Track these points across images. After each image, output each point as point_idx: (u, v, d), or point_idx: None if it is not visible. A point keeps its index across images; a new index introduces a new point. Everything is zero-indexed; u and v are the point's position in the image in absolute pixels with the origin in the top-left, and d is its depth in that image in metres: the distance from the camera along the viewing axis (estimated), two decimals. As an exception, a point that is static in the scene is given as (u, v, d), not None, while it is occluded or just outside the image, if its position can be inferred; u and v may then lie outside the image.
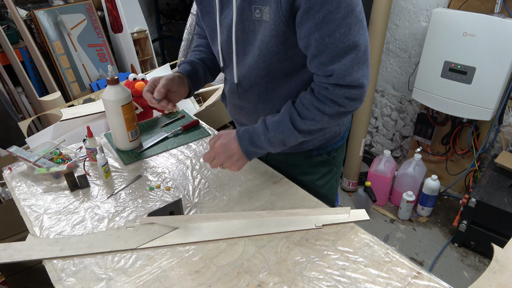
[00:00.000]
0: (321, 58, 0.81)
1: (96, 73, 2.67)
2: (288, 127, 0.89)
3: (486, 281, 0.83)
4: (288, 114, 0.90)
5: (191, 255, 0.88)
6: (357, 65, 0.81)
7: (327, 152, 1.13)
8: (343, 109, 0.87)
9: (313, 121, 0.88)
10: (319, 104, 0.86)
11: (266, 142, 0.92)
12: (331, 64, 0.81)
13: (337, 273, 0.83)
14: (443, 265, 2.04)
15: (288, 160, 1.16)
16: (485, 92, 1.92)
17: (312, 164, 1.13)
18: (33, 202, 1.06)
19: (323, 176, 1.16)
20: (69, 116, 1.64)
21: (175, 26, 3.82)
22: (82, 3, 2.59)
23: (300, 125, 0.89)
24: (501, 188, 1.97)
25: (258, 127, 0.92)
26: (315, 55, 0.82)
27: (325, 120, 0.88)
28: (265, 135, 0.91)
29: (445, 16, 1.93)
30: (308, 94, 0.88)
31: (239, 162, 0.95)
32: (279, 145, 0.93)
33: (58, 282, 0.82)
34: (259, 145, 0.93)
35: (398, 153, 2.76)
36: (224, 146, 0.94)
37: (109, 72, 1.17)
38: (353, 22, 0.77)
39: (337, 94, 0.84)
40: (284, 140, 0.91)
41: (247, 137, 0.93)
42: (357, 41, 0.79)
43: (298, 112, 0.89)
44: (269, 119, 0.92)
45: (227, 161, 0.95)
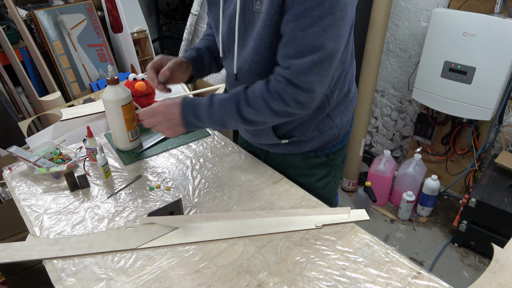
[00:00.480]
0: (288, 49, 0.81)
1: (96, 73, 2.67)
2: (231, 109, 0.89)
3: (486, 281, 0.83)
4: (236, 96, 0.89)
5: (191, 255, 0.88)
6: (316, 69, 0.80)
7: (326, 154, 1.12)
8: (288, 109, 0.86)
9: (257, 111, 0.87)
10: (268, 96, 0.85)
11: (206, 116, 0.91)
12: (293, 58, 0.80)
13: (337, 273, 0.83)
14: (443, 265, 2.05)
15: (286, 161, 1.15)
16: (485, 92, 1.92)
17: (310, 166, 1.13)
18: (33, 202, 1.06)
19: (321, 179, 1.15)
20: (69, 116, 1.64)
21: (175, 26, 3.82)
22: (82, 3, 2.59)
23: (244, 111, 0.88)
24: (501, 188, 1.97)
25: (205, 100, 0.92)
26: (285, 44, 0.81)
27: (268, 114, 0.87)
28: (208, 109, 0.91)
29: (445, 16, 1.93)
30: (262, 84, 0.87)
31: (176, 128, 0.95)
32: (219, 123, 0.92)
33: (58, 282, 0.82)
34: (199, 117, 0.92)
35: (398, 153, 2.76)
36: (165, 107, 0.94)
37: (109, 72, 1.17)
38: (329, 25, 0.76)
39: (287, 92, 0.83)
40: (223, 120, 0.91)
41: (191, 106, 0.93)
42: (324, 45, 0.78)
43: (246, 97, 0.88)
44: (217, 96, 0.92)
45: (164, 124, 0.95)
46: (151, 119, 0.95)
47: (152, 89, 1.52)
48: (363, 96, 2.32)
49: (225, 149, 1.30)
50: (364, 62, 2.24)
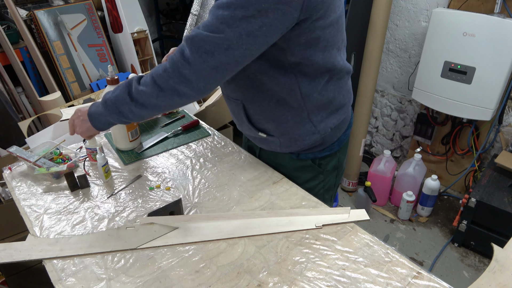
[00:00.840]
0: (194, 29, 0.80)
1: (96, 73, 2.67)
2: (123, 91, 0.88)
3: (486, 281, 0.83)
4: (131, 79, 0.89)
5: (191, 255, 0.88)
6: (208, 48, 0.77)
7: (311, 158, 1.10)
8: (171, 81, 0.82)
9: (145, 88, 0.84)
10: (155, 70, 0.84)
11: (102, 103, 0.92)
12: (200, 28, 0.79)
13: (337, 273, 0.83)
14: (443, 265, 2.04)
15: (277, 160, 1.16)
16: (485, 92, 1.92)
17: (296, 167, 1.13)
18: (33, 202, 1.06)
19: (307, 182, 1.13)
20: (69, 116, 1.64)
21: (175, 26, 3.82)
22: (82, 3, 2.59)
23: (134, 91, 0.86)
24: (501, 188, 1.97)
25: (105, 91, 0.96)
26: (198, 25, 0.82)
27: (155, 90, 0.83)
28: (104, 97, 0.92)
29: (445, 16, 1.93)
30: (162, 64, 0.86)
31: (86, 125, 0.99)
32: (113, 109, 0.90)
33: (58, 282, 0.82)
34: (97, 106, 0.94)
35: (398, 153, 2.76)
36: (78, 109, 1.00)
37: (109, 72, 1.17)
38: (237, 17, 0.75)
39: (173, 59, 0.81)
40: (117, 105, 0.89)
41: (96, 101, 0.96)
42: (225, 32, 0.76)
43: (139, 78, 0.87)
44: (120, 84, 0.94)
45: (78, 125, 1.01)
46: (70, 121, 1.02)
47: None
48: (363, 96, 2.32)
49: (225, 149, 1.30)
50: (364, 62, 2.24)
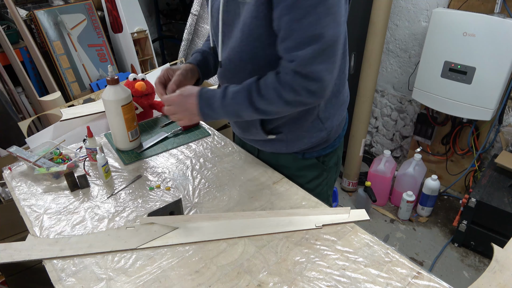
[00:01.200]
0: (288, 43, 0.81)
1: (96, 73, 2.67)
2: (244, 100, 0.89)
3: (486, 281, 0.83)
4: (248, 87, 0.90)
5: (191, 255, 0.88)
6: (319, 58, 0.80)
7: (316, 156, 1.11)
8: (300, 98, 0.86)
9: (269, 102, 0.88)
10: (279, 87, 0.86)
11: (221, 108, 0.92)
12: (295, 51, 0.81)
13: (337, 273, 0.83)
14: (443, 265, 2.05)
15: (278, 161, 1.16)
16: (485, 92, 1.92)
17: (300, 167, 1.13)
18: (33, 202, 1.06)
19: (312, 180, 1.14)
20: (69, 116, 1.64)
21: (175, 26, 3.82)
22: (82, 3, 2.59)
23: (256, 102, 0.89)
24: (501, 188, 1.97)
25: (219, 91, 0.93)
26: (284, 38, 0.82)
27: (281, 105, 0.88)
28: (222, 101, 0.92)
29: (445, 16, 1.93)
30: (273, 75, 0.88)
31: (193, 117, 0.96)
32: (233, 115, 0.93)
33: (58, 282, 0.82)
34: (214, 108, 0.93)
35: (398, 153, 2.76)
36: (182, 97, 0.95)
37: (109, 72, 1.17)
38: (323, 13, 0.76)
39: (296, 82, 0.84)
40: (238, 112, 0.92)
41: (206, 98, 0.93)
42: (322, 33, 0.78)
43: (258, 88, 0.88)
44: (231, 87, 0.92)
45: (181, 113, 0.97)
46: (171, 107, 0.97)
47: (152, 89, 1.52)
48: (363, 96, 2.32)
49: (225, 149, 1.30)
50: (364, 62, 2.24)
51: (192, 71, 1.05)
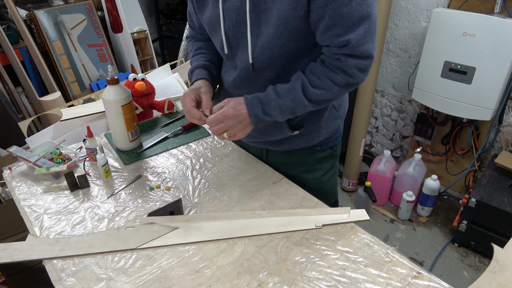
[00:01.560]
0: (336, 29, 0.82)
1: (96, 73, 2.67)
2: (298, 95, 0.90)
3: (486, 281, 0.83)
4: (299, 82, 0.90)
5: (191, 255, 0.88)
6: (369, 36, 0.84)
7: (331, 147, 1.14)
8: (352, 80, 0.89)
9: (323, 90, 0.90)
10: (330, 73, 0.88)
11: (276, 109, 0.92)
12: (346, 34, 0.83)
13: (337, 273, 0.83)
14: (443, 265, 2.05)
15: (290, 160, 1.15)
16: (485, 92, 1.92)
17: (317, 160, 1.14)
18: (33, 202, 1.06)
19: (327, 172, 1.17)
20: (69, 116, 1.64)
21: (175, 26, 3.82)
22: (82, 3, 2.60)
23: (310, 94, 0.90)
24: (501, 188, 1.97)
25: (269, 94, 0.92)
26: (329, 26, 0.82)
27: (335, 90, 0.90)
28: (276, 102, 0.91)
29: (445, 16, 1.93)
30: (319, 65, 0.90)
31: (246, 128, 0.95)
32: (288, 112, 0.93)
33: (58, 282, 0.82)
34: (268, 112, 0.93)
35: (398, 153, 2.76)
36: (234, 110, 0.92)
37: (109, 72, 1.17)
38: None
39: (348, 65, 0.86)
40: (293, 108, 0.92)
41: (258, 103, 0.92)
42: (370, 12, 0.82)
43: (309, 80, 0.90)
44: (279, 87, 0.92)
45: (235, 127, 0.93)
46: (222, 125, 0.93)
47: (152, 89, 1.52)
48: (363, 96, 2.32)
49: (225, 149, 1.30)
50: (364, 62, 2.24)
51: (209, 86, 1.04)
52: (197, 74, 1.06)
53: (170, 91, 1.86)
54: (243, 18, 0.90)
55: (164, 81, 1.90)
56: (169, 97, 1.55)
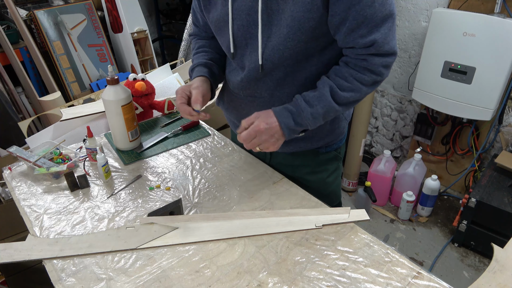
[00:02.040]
0: (360, 30, 0.83)
1: (96, 73, 2.68)
2: (328, 101, 0.90)
3: (486, 281, 0.83)
4: (327, 87, 0.90)
5: (191, 255, 0.88)
6: (392, 33, 0.86)
7: (335, 149, 1.14)
8: (379, 78, 0.90)
9: (352, 92, 0.91)
10: (358, 75, 0.89)
11: (308, 118, 0.92)
12: (371, 34, 0.83)
13: (337, 273, 0.83)
14: (443, 265, 2.04)
15: (295, 162, 1.15)
16: (485, 92, 1.92)
17: (321, 162, 1.14)
18: (33, 202, 1.06)
19: (331, 174, 1.17)
20: (69, 116, 1.64)
21: (175, 26, 3.82)
22: (82, 3, 2.60)
23: (340, 98, 0.91)
24: (501, 188, 1.97)
25: (298, 104, 0.92)
26: (353, 28, 0.83)
27: (363, 90, 0.91)
28: (307, 111, 0.91)
29: (445, 16, 1.93)
30: (344, 67, 0.91)
31: (279, 141, 0.95)
32: (320, 120, 0.93)
33: (58, 282, 0.82)
34: (300, 122, 0.92)
35: (398, 153, 2.76)
36: (266, 124, 0.92)
37: (109, 72, 1.17)
38: None
39: (375, 64, 0.87)
40: (325, 114, 0.93)
41: (288, 115, 0.92)
42: (392, 10, 0.83)
43: (337, 85, 0.90)
44: (307, 95, 0.92)
45: (268, 141, 0.93)
46: (256, 140, 0.92)
47: (152, 89, 1.52)
48: (363, 96, 2.31)
49: (225, 149, 1.30)
50: (364, 62, 2.24)
51: (206, 82, 1.03)
52: (196, 72, 1.06)
53: (170, 91, 1.86)
54: (254, 18, 0.89)
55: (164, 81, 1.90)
56: (169, 97, 1.55)
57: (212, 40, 1.13)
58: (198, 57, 1.11)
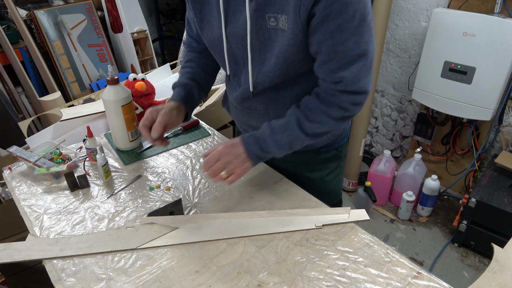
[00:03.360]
0: (331, 65, 0.82)
1: (96, 73, 2.68)
2: (294, 130, 0.90)
3: (486, 281, 0.83)
4: (294, 116, 0.90)
5: (191, 255, 0.88)
6: (364, 72, 0.83)
7: (335, 148, 1.15)
8: (348, 113, 0.89)
9: (319, 124, 0.90)
10: (325, 108, 0.88)
11: (273, 145, 0.92)
12: (340, 71, 0.82)
13: (337, 273, 0.83)
14: (443, 265, 2.05)
15: (296, 159, 1.16)
16: (485, 92, 1.92)
17: (321, 161, 1.15)
18: (33, 202, 1.06)
19: (331, 172, 1.18)
20: (69, 116, 1.64)
21: (175, 26, 3.82)
22: (82, 3, 2.60)
23: (307, 128, 0.90)
24: (501, 188, 1.97)
25: (264, 131, 0.92)
26: (325, 61, 0.83)
27: (331, 123, 0.90)
28: (272, 138, 0.91)
29: (445, 16, 1.93)
30: (314, 99, 0.90)
31: (246, 163, 0.92)
32: (286, 148, 0.93)
33: (58, 282, 0.82)
34: (265, 148, 0.92)
35: (398, 153, 2.76)
36: (229, 147, 0.92)
37: (109, 72, 1.17)
38: (365, 31, 0.78)
39: (343, 100, 0.86)
40: (291, 143, 0.92)
41: (254, 141, 0.92)
42: (367, 49, 0.81)
43: (305, 115, 0.90)
44: (274, 123, 0.92)
45: (233, 162, 0.90)
46: (218, 163, 0.91)
47: (152, 89, 1.52)
48: (363, 96, 2.31)
49: (225, 149, 1.30)
50: (364, 62, 2.24)
51: (178, 108, 1.02)
52: (174, 94, 1.06)
53: (170, 91, 1.86)
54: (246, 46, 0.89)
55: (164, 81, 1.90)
56: (169, 97, 1.55)
57: (202, 54, 1.12)
58: (183, 74, 1.10)
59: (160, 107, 1.00)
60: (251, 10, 0.82)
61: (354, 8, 0.74)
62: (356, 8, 0.74)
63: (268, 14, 0.81)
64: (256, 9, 0.81)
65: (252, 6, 0.82)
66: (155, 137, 0.96)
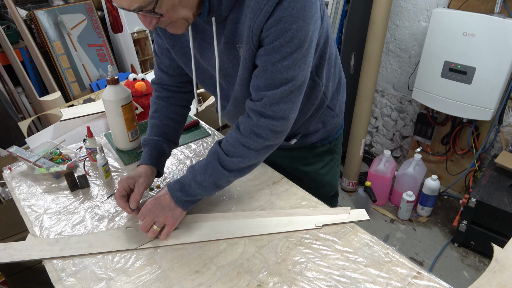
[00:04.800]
0: (259, 81, 0.82)
1: (96, 73, 2.68)
2: (216, 168, 0.89)
3: (486, 281, 0.83)
4: (215, 154, 0.90)
5: (191, 255, 0.88)
6: (287, 97, 0.82)
7: (329, 142, 1.16)
8: (267, 142, 0.87)
9: (240, 158, 0.88)
10: (244, 139, 0.87)
11: (197, 188, 0.90)
12: (264, 90, 0.82)
13: (337, 273, 0.83)
14: (443, 265, 2.05)
15: (291, 154, 1.18)
16: (485, 92, 1.92)
17: (316, 154, 1.16)
18: (33, 202, 1.06)
19: (326, 165, 1.19)
20: (69, 116, 1.64)
21: (175, 26, 3.81)
22: (82, 3, 2.60)
23: (228, 164, 0.88)
24: (501, 188, 1.97)
25: (187, 175, 0.92)
26: (257, 75, 0.83)
27: (252, 156, 0.88)
28: (195, 181, 0.90)
29: (445, 16, 1.93)
30: (234, 132, 0.89)
31: (174, 212, 0.91)
32: (212, 187, 0.91)
33: (58, 282, 0.82)
34: (191, 192, 0.91)
35: (398, 153, 2.76)
36: (155, 199, 0.92)
37: (109, 72, 1.17)
38: (298, 58, 0.79)
39: (261, 126, 0.85)
40: (215, 182, 0.91)
41: (178, 187, 0.91)
42: (295, 76, 0.80)
43: (224, 151, 0.89)
44: (197, 164, 0.92)
45: (161, 214, 0.90)
46: (148, 218, 0.91)
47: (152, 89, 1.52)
48: (363, 96, 2.32)
49: (225, 149, 1.30)
50: (364, 62, 2.24)
51: (152, 173, 1.02)
52: (144, 156, 1.04)
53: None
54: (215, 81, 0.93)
55: (164, 81, 1.89)
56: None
57: (171, 99, 1.10)
58: (151, 128, 1.08)
59: (135, 175, 0.98)
60: (221, 44, 0.84)
61: (292, 34, 0.75)
62: (294, 35, 0.75)
63: (238, 44, 0.83)
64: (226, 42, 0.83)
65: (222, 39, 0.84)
66: (134, 207, 0.96)
